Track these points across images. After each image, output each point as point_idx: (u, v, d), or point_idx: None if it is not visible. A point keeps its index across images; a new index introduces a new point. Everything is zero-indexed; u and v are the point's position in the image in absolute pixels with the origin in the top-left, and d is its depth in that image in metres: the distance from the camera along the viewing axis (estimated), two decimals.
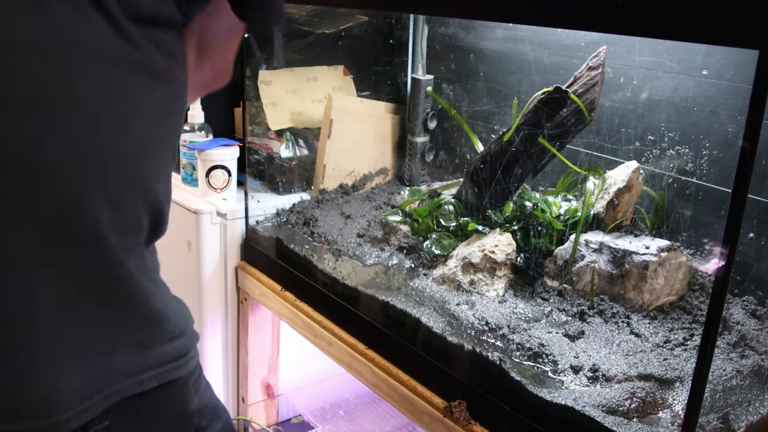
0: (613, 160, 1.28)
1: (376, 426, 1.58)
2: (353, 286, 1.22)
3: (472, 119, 1.55)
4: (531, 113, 1.22)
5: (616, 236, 1.17)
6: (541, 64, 1.37)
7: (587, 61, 1.20)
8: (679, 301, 1.12)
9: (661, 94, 1.21)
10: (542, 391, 0.92)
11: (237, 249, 1.52)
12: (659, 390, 0.93)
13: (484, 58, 1.50)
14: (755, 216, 1.10)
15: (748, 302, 1.11)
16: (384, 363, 1.15)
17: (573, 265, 1.14)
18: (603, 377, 0.94)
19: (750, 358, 0.98)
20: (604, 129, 1.28)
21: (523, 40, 1.41)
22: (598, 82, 1.17)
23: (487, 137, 1.47)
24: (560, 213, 1.22)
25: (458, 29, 1.54)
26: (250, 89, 1.55)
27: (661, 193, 1.22)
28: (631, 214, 1.22)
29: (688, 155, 1.19)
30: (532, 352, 0.99)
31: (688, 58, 1.16)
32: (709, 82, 1.14)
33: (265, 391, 1.61)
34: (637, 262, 1.09)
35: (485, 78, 1.51)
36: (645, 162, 1.24)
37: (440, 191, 1.41)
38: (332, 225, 1.45)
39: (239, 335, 1.57)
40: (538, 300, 1.14)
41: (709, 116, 1.15)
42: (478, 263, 1.16)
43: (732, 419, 0.88)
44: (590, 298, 1.11)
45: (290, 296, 1.38)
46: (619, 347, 1.01)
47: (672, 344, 1.02)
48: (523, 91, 1.41)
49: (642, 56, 1.22)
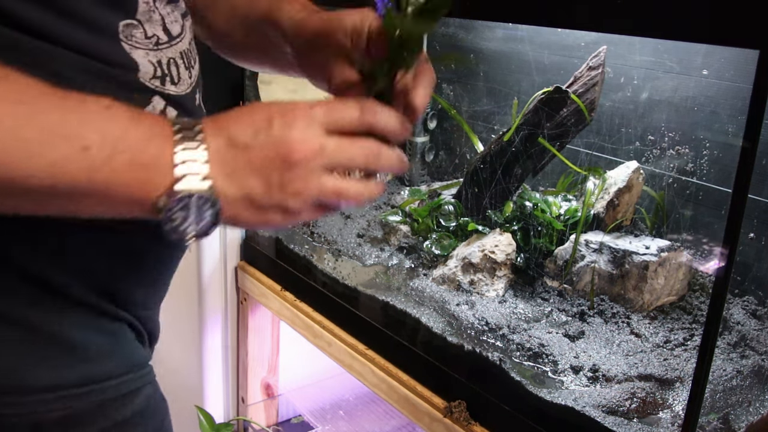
0: (613, 160, 1.28)
1: (376, 426, 1.58)
2: (353, 287, 1.22)
3: (472, 119, 1.54)
4: (531, 113, 1.21)
5: (616, 236, 1.17)
6: (541, 64, 1.37)
7: (587, 61, 1.20)
8: (679, 301, 1.12)
9: (662, 94, 1.20)
10: (542, 391, 0.92)
11: (237, 249, 1.52)
12: (659, 390, 0.93)
13: (484, 58, 1.50)
14: (755, 216, 1.10)
15: (749, 302, 1.11)
16: (384, 363, 1.15)
17: (573, 265, 1.14)
18: (603, 377, 0.94)
19: (750, 359, 0.98)
20: (604, 129, 1.28)
21: (523, 40, 1.41)
22: (598, 82, 1.17)
23: (487, 137, 1.47)
24: (560, 213, 1.22)
25: (458, 29, 1.54)
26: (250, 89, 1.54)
27: (661, 193, 1.22)
28: (632, 214, 1.22)
29: (688, 155, 1.18)
30: (532, 353, 0.99)
31: (688, 58, 1.16)
32: (710, 82, 1.14)
33: (264, 391, 1.61)
34: (637, 262, 1.09)
35: (485, 78, 1.51)
36: (645, 162, 1.23)
37: (440, 191, 1.41)
38: (332, 225, 1.45)
39: (239, 335, 1.57)
40: (538, 300, 1.14)
41: (710, 116, 1.15)
42: (478, 263, 1.16)
43: (732, 419, 0.88)
44: (590, 299, 1.10)
45: (290, 296, 1.38)
46: (619, 347, 1.01)
47: (672, 344, 1.02)
48: (524, 91, 1.41)
49: (642, 56, 1.22)
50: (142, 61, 0.62)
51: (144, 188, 0.51)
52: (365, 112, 0.58)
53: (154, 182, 0.52)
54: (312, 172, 0.55)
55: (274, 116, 0.55)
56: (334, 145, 0.56)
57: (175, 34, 0.67)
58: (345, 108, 0.57)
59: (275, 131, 0.54)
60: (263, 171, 0.54)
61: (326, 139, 0.55)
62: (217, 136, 0.54)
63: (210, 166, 0.53)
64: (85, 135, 0.49)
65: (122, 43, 0.61)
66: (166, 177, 0.52)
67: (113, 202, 0.52)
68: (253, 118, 0.55)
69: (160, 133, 0.52)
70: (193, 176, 0.52)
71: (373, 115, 0.58)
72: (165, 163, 0.52)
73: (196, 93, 0.71)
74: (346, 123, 0.57)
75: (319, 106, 0.56)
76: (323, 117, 0.56)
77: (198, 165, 0.52)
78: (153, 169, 0.51)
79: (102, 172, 0.50)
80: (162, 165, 0.52)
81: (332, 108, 0.57)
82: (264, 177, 0.54)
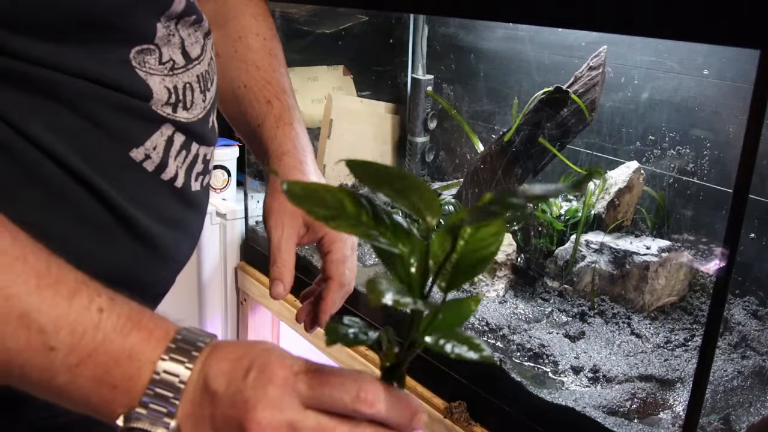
0: (613, 160, 1.28)
1: None
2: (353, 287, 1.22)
3: (473, 119, 1.54)
4: (531, 113, 1.21)
5: (616, 236, 1.16)
6: (542, 64, 1.37)
7: (588, 61, 1.19)
8: (680, 301, 1.12)
9: (662, 93, 1.20)
10: (543, 391, 0.92)
11: (237, 249, 1.52)
12: (660, 391, 0.93)
13: (485, 58, 1.50)
14: (756, 216, 1.09)
15: (749, 303, 1.11)
16: None
17: (573, 266, 1.14)
18: (604, 378, 0.94)
19: (751, 359, 0.98)
20: (604, 129, 1.28)
21: (524, 40, 1.41)
22: (598, 82, 1.17)
23: (488, 137, 1.47)
24: (561, 213, 1.22)
25: (458, 29, 1.54)
26: None
27: (661, 194, 1.22)
28: (632, 214, 1.22)
29: (689, 155, 1.18)
30: (532, 353, 0.99)
31: (689, 57, 1.16)
32: (710, 82, 1.14)
33: None
34: (637, 262, 1.08)
35: (485, 78, 1.51)
36: (646, 162, 1.23)
37: (440, 191, 1.41)
38: None
39: (239, 336, 1.56)
40: (538, 300, 1.13)
41: (710, 116, 1.15)
42: None
43: (733, 420, 0.88)
44: (591, 299, 1.10)
45: (290, 297, 1.37)
46: (619, 348, 1.01)
47: (673, 345, 1.02)
48: (524, 91, 1.41)
49: (643, 56, 1.21)
50: (156, 88, 0.60)
51: (106, 405, 0.46)
52: (360, 402, 0.45)
53: (118, 402, 0.46)
54: None
55: (253, 367, 0.46)
56: (311, 425, 0.45)
57: (194, 56, 0.65)
58: (336, 387, 0.45)
59: (247, 388, 0.46)
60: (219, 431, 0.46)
61: (302, 414, 0.45)
62: (200, 374, 0.47)
63: (181, 409, 0.46)
64: (55, 332, 0.45)
65: (136, 70, 0.59)
66: (132, 401, 0.46)
67: (66, 401, 0.47)
68: (236, 363, 0.47)
69: (146, 348, 0.47)
70: (159, 413, 0.46)
71: (371, 405, 0.45)
72: (136, 389, 0.46)
73: (210, 116, 0.70)
74: (332, 406, 0.45)
75: (305, 374, 0.46)
76: (306, 390, 0.45)
77: (168, 404, 0.46)
78: (121, 391, 0.46)
79: (62, 377, 0.45)
80: (132, 390, 0.46)
81: (321, 382, 0.46)
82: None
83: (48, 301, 0.45)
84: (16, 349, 0.44)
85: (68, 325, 0.45)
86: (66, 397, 0.46)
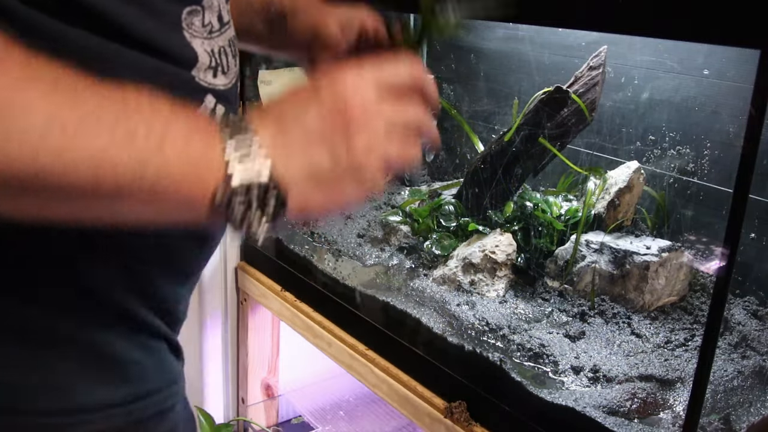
0: (614, 160, 1.28)
1: (377, 427, 1.58)
2: (353, 287, 1.22)
3: (473, 119, 1.54)
4: (532, 113, 1.21)
5: (616, 236, 1.16)
6: (542, 63, 1.37)
7: (588, 61, 1.19)
8: (680, 301, 1.12)
9: (662, 93, 1.20)
10: (543, 391, 0.92)
11: (237, 249, 1.52)
12: (660, 391, 0.93)
13: (485, 58, 1.50)
14: (756, 216, 1.10)
15: (750, 303, 1.11)
16: (384, 363, 1.15)
17: (574, 266, 1.14)
18: (604, 378, 0.94)
19: (751, 359, 0.98)
20: (604, 129, 1.28)
21: (524, 40, 1.41)
22: (598, 82, 1.17)
23: (488, 137, 1.47)
24: (561, 213, 1.22)
25: None
26: (250, 89, 1.54)
27: (662, 194, 1.22)
28: (632, 214, 1.22)
29: (689, 155, 1.18)
30: (532, 353, 0.99)
31: (689, 57, 1.16)
32: (710, 82, 1.14)
33: (265, 391, 1.60)
34: (638, 262, 1.08)
35: (485, 78, 1.51)
36: (646, 162, 1.23)
37: (440, 191, 1.41)
38: (332, 225, 1.44)
39: (239, 336, 1.57)
40: (538, 300, 1.13)
41: (710, 116, 1.15)
42: (478, 263, 1.16)
43: (733, 420, 0.88)
44: (591, 299, 1.10)
45: (290, 297, 1.37)
46: (620, 348, 1.01)
47: (673, 345, 1.02)
48: (524, 91, 1.41)
49: (643, 56, 1.21)
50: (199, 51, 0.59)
51: (196, 185, 0.46)
52: (414, 69, 0.53)
53: (205, 179, 0.46)
54: (376, 131, 0.50)
55: (319, 84, 0.50)
56: (390, 106, 0.51)
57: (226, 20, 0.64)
58: (394, 65, 0.53)
59: (326, 98, 0.50)
60: (324, 141, 0.49)
61: (382, 100, 0.51)
62: (265, 122, 0.49)
63: (266, 153, 0.47)
64: (129, 124, 0.44)
65: (184, 32, 0.58)
66: (218, 171, 0.46)
67: (162, 202, 0.46)
68: (296, 96, 0.51)
69: (204, 128, 0.48)
70: (248, 168, 0.47)
71: (420, 72, 0.54)
72: (214, 157, 0.47)
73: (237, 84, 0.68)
74: (398, 80, 0.52)
75: (365, 65, 0.52)
76: (373, 75, 0.51)
77: (251, 156, 0.47)
78: (203, 165, 0.46)
79: (150, 164, 0.44)
80: (211, 159, 0.46)
81: (380, 65, 0.52)
82: (327, 147, 0.49)
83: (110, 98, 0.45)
84: (102, 147, 0.43)
85: (134, 112, 0.45)
86: (161, 190, 0.45)
